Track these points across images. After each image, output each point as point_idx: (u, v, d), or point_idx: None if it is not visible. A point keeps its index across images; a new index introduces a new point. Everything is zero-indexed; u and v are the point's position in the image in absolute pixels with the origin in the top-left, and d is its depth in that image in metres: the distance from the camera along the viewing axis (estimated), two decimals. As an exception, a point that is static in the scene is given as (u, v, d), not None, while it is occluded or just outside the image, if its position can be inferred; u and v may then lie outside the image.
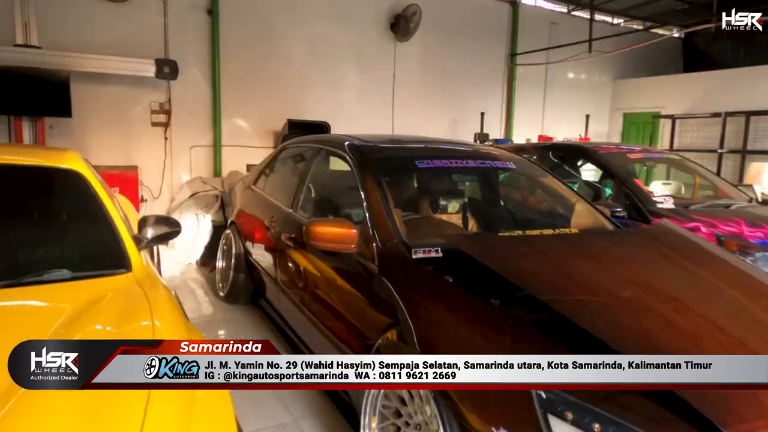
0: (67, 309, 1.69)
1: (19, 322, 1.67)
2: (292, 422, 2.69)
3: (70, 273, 1.95)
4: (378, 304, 2.31)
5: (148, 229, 2.37)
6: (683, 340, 1.77)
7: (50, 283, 1.88)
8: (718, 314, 1.93)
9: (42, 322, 1.61)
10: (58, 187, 2.35)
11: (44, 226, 2.22)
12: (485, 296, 2.00)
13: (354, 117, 8.27)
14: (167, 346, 1.33)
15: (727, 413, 1.49)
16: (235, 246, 4.36)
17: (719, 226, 3.88)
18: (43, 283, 1.87)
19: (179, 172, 7.06)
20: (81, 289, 1.87)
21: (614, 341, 1.67)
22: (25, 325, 1.62)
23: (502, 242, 2.58)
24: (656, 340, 1.75)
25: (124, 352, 1.30)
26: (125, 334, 1.62)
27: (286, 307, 3.47)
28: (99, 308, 1.74)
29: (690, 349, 1.72)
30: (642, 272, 2.25)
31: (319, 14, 7.87)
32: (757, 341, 1.81)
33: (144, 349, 1.32)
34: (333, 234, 2.46)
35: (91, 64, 5.85)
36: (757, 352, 1.75)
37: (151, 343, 1.35)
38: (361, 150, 3.05)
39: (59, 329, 1.55)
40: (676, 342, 1.75)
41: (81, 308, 1.70)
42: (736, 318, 1.94)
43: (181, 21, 6.76)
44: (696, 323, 1.85)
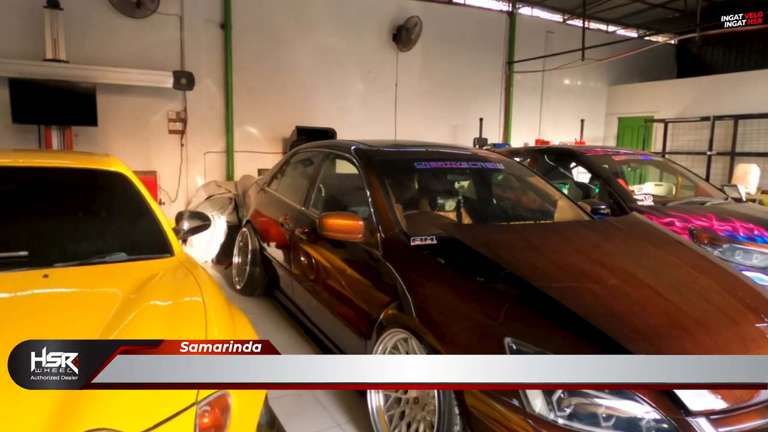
0: (131, 282, 2.09)
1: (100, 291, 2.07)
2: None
3: (126, 256, 2.36)
4: (381, 285, 2.71)
5: (184, 221, 2.79)
6: (630, 304, 2.16)
7: (112, 263, 2.29)
8: (663, 285, 2.32)
9: (117, 290, 2.01)
10: (109, 187, 2.76)
11: (101, 218, 2.63)
12: (472, 274, 2.39)
13: (359, 123, 8.70)
14: (167, 346, 1.35)
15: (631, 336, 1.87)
16: (251, 242, 4.77)
17: (692, 221, 4.26)
18: (106, 263, 2.28)
19: (194, 177, 7.49)
20: (137, 268, 2.28)
21: (579, 308, 2.06)
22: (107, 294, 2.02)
23: (487, 231, 2.99)
24: (609, 305, 2.14)
25: (125, 352, 1.31)
26: (181, 305, 1.98)
27: (299, 295, 3.87)
28: (155, 283, 2.14)
29: (634, 311, 2.11)
30: (605, 253, 2.66)
31: (325, 27, 8.31)
32: (691, 308, 2.20)
33: (145, 349, 1.35)
34: (342, 225, 2.85)
35: (114, 76, 6.30)
36: (690, 315, 2.14)
37: (151, 343, 1.36)
38: (366, 153, 3.45)
39: (130, 295, 1.95)
40: (624, 306, 2.14)
41: (141, 282, 2.10)
42: (677, 289, 2.33)
43: (196, 35, 7.21)
44: (643, 292, 2.25)
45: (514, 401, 1.87)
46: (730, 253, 4.02)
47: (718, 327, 2.12)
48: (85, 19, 6.44)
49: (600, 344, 1.90)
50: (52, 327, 1.72)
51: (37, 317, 1.78)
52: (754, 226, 4.17)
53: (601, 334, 1.94)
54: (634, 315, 2.11)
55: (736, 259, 4.00)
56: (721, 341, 2.04)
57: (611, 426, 1.77)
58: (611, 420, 1.77)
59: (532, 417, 1.82)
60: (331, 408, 2.90)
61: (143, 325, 1.72)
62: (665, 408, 1.76)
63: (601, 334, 1.94)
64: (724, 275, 2.58)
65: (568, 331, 1.98)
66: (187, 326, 1.75)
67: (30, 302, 1.94)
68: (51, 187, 2.61)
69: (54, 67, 5.95)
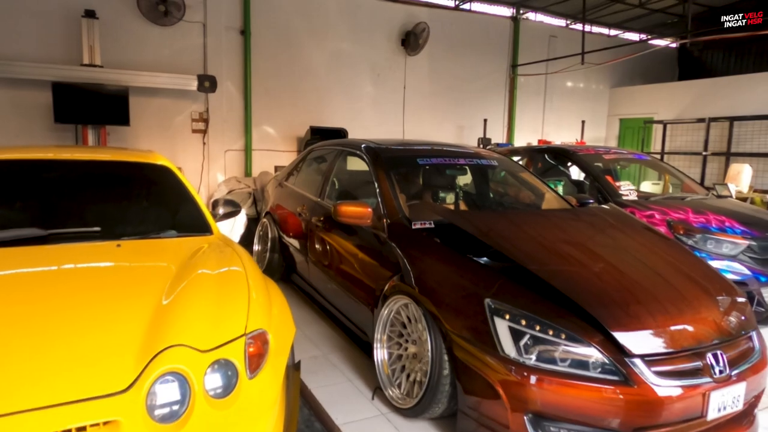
0: (182, 253, 2.59)
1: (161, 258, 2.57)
2: (322, 355, 3.57)
3: (176, 233, 2.86)
4: (386, 262, 3.19)
5: (219, 207, 3.30)
6: (589, 274, 2.62)
7: (165, 238, 2.79)
8: (619, 260, 2.78)
9: (174, 258, 2.50)
10: (157, 177, 3.27)
11: (152, 202, 3.14)
12: (462, 252, 2.86)
13: (369, 123, 9.19)
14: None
15: (608, 315, 2.33)
16: (271, 231, 5.27)
17: (670, 213, 4.70)
18: (161, 238, 2.78)
19: (215, 173, 8.02)
20: (185, 243, 2.77)
21: (549, 277, 2.51)
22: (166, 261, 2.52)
23: (478, 216, 3.47)
24: (576, 276, 2.60)
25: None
26: (227, 273, 2.45)
27: (314, 277, 4.36)
28: (202, 254, 2.62)
29: (592, 279, 2.57)
30: (576, 235, 3.13)
31: (338, 32, 8.81)
32: (645, 280, 2.65)
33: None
34: (354, 211, 3.33)
35: (144, 80, 6.84)
36: (643, 286, 2.59)
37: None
38: (375, 150, 3.93)
39: (184, 263, 2.44)
40: (584, 275, 2.60)
41: (191, 254, 2.58)
42: (634, 265, 2.79)
43: (218, 41, 7.74)
44: (601, 265, 2.71)
45: (491, 348, 2.34)
46: (702, 242, 4.45)
47: (666, 297, 2.56)
48: (118, 27, 6.99)
49: (565, 306, 2.36)
50: (132, 281, 2.22)
51: (120, 273, 2.30)
52: (726, 218, 4.60)
53: (566, 299, 2.39)
54: (595, 285, 2.56)
55: (708, 247, 4.44)
56: (667, 308, 2.48)
57: (567, 365, 2.23)
58: (567, 361, 2.24)
59: (505, 359, 2.29)
60: (342, 367, 3.39)
61: (200, 286, 2.19)
62: (609, 351, 2.22)
63: (567, 299, 2.39)
64: (678, 256, 3.03)
65: (537, 294, 2.45)
66: (234, 290, 2.22)
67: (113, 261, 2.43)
68: (112, 177, 3.13)
69: (90, 71, 6.49)
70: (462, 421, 2.50)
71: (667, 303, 2.49)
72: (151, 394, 1.66)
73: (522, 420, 2.24)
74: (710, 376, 2.29)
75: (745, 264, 4.39)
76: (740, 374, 2.38)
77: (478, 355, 2.39)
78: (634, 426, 2.18)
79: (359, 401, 2.95)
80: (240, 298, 2.14)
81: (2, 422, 1.45)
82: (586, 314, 2.33)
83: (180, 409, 1.69)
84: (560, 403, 2.19)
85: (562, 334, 2.26)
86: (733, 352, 2.43)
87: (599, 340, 2.24)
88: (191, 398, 1.71)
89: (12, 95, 6.49)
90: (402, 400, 2.83)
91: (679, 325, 2.41)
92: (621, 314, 2.37)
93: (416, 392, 2.72)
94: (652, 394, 2.17)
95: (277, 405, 1.98)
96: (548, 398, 2.20)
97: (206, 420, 1.70)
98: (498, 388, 2.28)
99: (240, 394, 1.80)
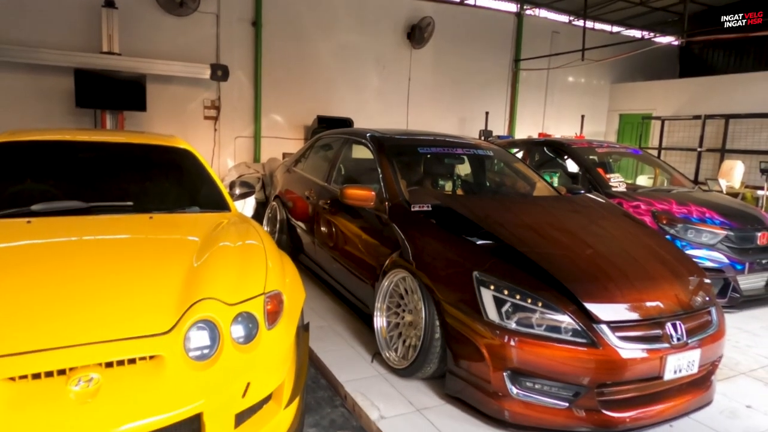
0: (206, 226, 2.91)
1: (188, 230, 2.89)
2: (327, 325, 3.91)
3: (199, 209, 3.19)
4: (386, 241, 3.51)
5: (236, 188, 3.62)
6: (564, 249, 2.94)
7: (190, 213, 3.12)
8: (596, 241, 3.10)
9: (199, 230, 2.82)
10: (181, 159, 3.59)
11: (177, 181, 3.47)
12: (455, 231, 3.18)
13: (374, 114, 9.49)
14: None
15: (581, 288, 2.65)
16: (279, 214, 5.60)
17: (654, 204, 5.01)
18: (186, 213, 3.11)
19: (225, 159, 8.35)
20: (208, 218, 3.10)
21: (532, 254, 2.84)
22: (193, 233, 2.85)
23: (471, 200, 3.79)
24: (555, 254, 2.92)
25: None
26: (246, 250, 2.77)
27: (320, 256, 4.69)
28: (222, 228, 2.94)
29: (570, 258, 2.89)
30: (558, 218, 3.44)
31: (346, 25, 9.08)
32: (616, 258, 2.97)
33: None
34: (359, 194, 3.65)
35: (160, 67, 7.15)
36: (614, 263, 2.90)
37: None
38: (379, 139, 4.24)
39: (208, 234, 2.76)
40: (560, 250, 2.93)
41: (213, 227, 2.91)
42: (607, 245, 3.11)
43: (230, 31, 8.03)
44: (576, 243, 3.04)
45: (477, 314, 2.66)
46: (683, 231, 4.76)
47: (634, 274, 2.88)
48: (136, 16, 7.29)
49: (545, 280, 2.68)
50: (167, 247, 2.56)
51: (155, 240, 2.63)
52: (707, 210, 4.91)
53: (546, 273, 2.71)
54: (573, 263, 2.88)
55: (689, 236, 4.75)
56: (635, 284, 2.80)
57: (543, 329, 2.56)
58: (542, 326, 2.56)
59: (489, 324, 2.62)
60: (345, 335, 3.73)
61: (225, 253, 2.51)
62: (580, 318, 2.54)
63: (546, 274, 2.71)
64: (652, 240, 3.34)
65: (520, 269, 2.77)
66: (253, 257, 2.54)
67: (148, 230, 2.76)
68: (141, 158, 3.46)
69: (109, 58, 6.81)
70: (450, 380, 2.84)
71: (635, 280, 2.81)
72: (187, 338, 1.99)
73: (502, 376, 2.57)
74: (668, 342, 2.61)
75: (723, 252, 4.70)
76: (696, 342, 2.70)
77: (466, 321, 2.71)
78: (599, 381, 2.51)
79: (360, 364, 3.28)
80: (259, 265, 2.47)
81: (79, 350, 1.78)
82: (562, 287, 2.66)
83: (210, 351, 2.02)
84: (535, 361, 2.52)
85: (539, 303, 2.59)
86: (691, 324, 2.76)
87: (573, 310, 2.56)
88: (220, 342, 2.04)
89: (35, 80, 6.81)
90: (398, 362, 3.17)
91: (644, 298, 2.73)
92: (592, 288, 2.69)
93: (411, 355, 3.06)
94: (615, 355, 2.50)
95: (291, 355, 2.32)
96: (525, 357, 2.53)
97: (232, 361, 2.03)
98: (482, 349, 2.61)
99: (260, 342, 2.14)
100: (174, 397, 1.84)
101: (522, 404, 2.56)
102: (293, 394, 2.29)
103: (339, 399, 2.97)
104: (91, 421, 1.70)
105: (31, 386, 1.72)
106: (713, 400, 2.96)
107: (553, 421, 2.55)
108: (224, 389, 1.95)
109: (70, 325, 1.87)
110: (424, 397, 2.91)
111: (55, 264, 2.22)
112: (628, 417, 2.57)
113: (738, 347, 3.91)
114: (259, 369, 2.10)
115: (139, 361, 1.87)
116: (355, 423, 2.75)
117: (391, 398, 2.87)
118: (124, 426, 1.72)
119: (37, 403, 1.68)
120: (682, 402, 2.75)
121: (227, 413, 1.96)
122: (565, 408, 2.54)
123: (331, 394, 3.02)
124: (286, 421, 2.24)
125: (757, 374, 3.47)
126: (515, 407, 2.57)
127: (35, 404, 1.68)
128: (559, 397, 2.55)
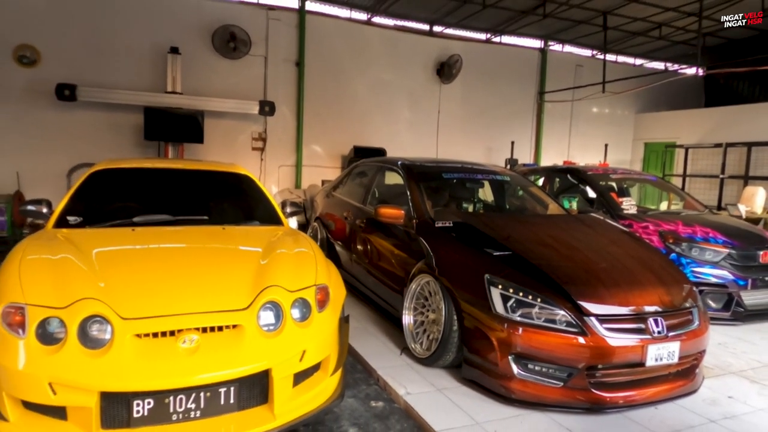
0: (267, 235, 3.58)
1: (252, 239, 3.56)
2: (362, 327, 4.49)
3: (258, 223, 3.88)
4: (414, 253, 4.10)
5: (287, 207, 4.31)
6: (566, 260, 3.48)
7: (252, 226, 3.80)
8: (593, 252, 3.64)
9: (261, 239, 3.49)
10: (241, 183, 4.31)
11: (241, 200, 4.18)
12: (472, 244, 3.76)
13: (406, 144, 10.20)
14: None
15: (575, 289, 3.18)
16: (320, 233, 6.28)
17: (662, 225, 5.45)
18: (249, 226, 3.79)
19: (270, 186, 9.16)
20: (265, 230, 3.77)
21: (536, 262, 3.39)
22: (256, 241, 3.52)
23: (486, 218, 4.37)
24: (557, 262, 3.46)
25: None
26: (300, 254, 3.41)
27: (357, 269, 5.31)
28: (278, 239, 3.59)
29: (568, 264, 3.43)
30: (564, 233, 3.98)
31: (380, 63, 9.90)
32: (611, 268, 3.48)
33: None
34: (391, 213, 4.28)
35: (216, 105, 8.06)
36: (608, 272, 3.42)
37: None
38: (408, 166, 4.89)
39: (267, 242, 3.42)
40: (562, 261, 3.47)
41: (272, 236, 3.57)
42: (602, 255, 3.63)
43: (276, 71, 8.94)
44: (575, 253, 3.57)
45: (487, 309, 3.22)
46: (688, 249, 5.19)
47: (623, 279, 3.39)
48: (196, 60, 8.27)
49: (545, 282, 3.23)
50: (239, 249, 3.23)
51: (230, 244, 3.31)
52: (711, 230, 5.33)
53: (547, 277, 3.26)
54: (570, 268, 3.42)
55: (693, 254, 5.17)
56: (622, 286, 3.31)
57: (542, 321, 3.09)
58: (541, 318, 3.10)
59: (496, 316, 3.17)
60: (378, 334, 4.32)
61: (284, 256, 3.16)
62: (573, 312, 3.07)
63: (547, 277, 3.26)
64: (643, 252, 3.84)
65: (525, 273, 3.32)
66: (305, 259, 3.17)
67: (223, 238, 3.44)
68: (211, 181, 4.20)
69: (173, 97, 7.75)
70: (466, 368, 3.39)
71: (623, 283, 3.33)
72: (258, 316, 2.63)
73: (507, 360, 3.11)
74: (649, 334, 3.11)
75: (727, 269, 5.09)
76: (675, 336, 3.18)
77: (478, 315, 3.27)
78: (588, 364, 3.01)
79: (390, 356, 3.85)
80: (310, 264, 3.11)
81: (184, 318, 2.44)
82: (560, 288, 3.20)
83: (276, 326, 2.65)
84: (535, 347, 3.05)
85: (539, 299, 3.13)
86: (672, 321, 3.24)
87: (568, 306, 3.09)
88: (283, 320, 2.67)
89: (108, 116, 7.80)
90: (422, 352, 3.73)
91: (629, 298, 3.24)
92: (585, 289, 3.23)
93: (433, 346, 3.62)
94: (602, 342, 3.01)
95: (335, 336, 2.93)
96: (526, 343, 3.06)
97: (292, 333, 2.65)
98: (491, 337, 3.16)
99: (312, 321, 2.76)
100: (250, 356, 2.47)
101: (524, 383, 3.09)
102: (337, 366, 2.89)
103: (373, 380, 3.55)
104: (195, 368, 2.34)
105: (152, 342, 2.37)
106: (698, 390, 3.40)
107: (550, 397, 3.06)
108: (286, 353, 2.57)
109: (178, 301, 2.54)
110: (444, 381, 3.46)
111: (160, 259, 2.92)
112: (615, 396, 3.06)
113: (734, 353, 4.30)
114: (311, 341, 2.71)
115: (225, 328, 2.51)
116: (386, 396, 3.32)
117: (416, 381, 3.43)
118: (218, 372, 2.35)
119: (156, 354, 2.33)
120: (666, 389, 3.22)
121: (288, 372, 2.57)
122: (560, 386, 3.05)
123: (366, 376, 3.60)
124: (331, 385, 2.84)
125: (746, 374, 3.87)
126: (518, 386, 3.09)
127: (155, 354, 2.33)
128: (555, 377, 3.07)
